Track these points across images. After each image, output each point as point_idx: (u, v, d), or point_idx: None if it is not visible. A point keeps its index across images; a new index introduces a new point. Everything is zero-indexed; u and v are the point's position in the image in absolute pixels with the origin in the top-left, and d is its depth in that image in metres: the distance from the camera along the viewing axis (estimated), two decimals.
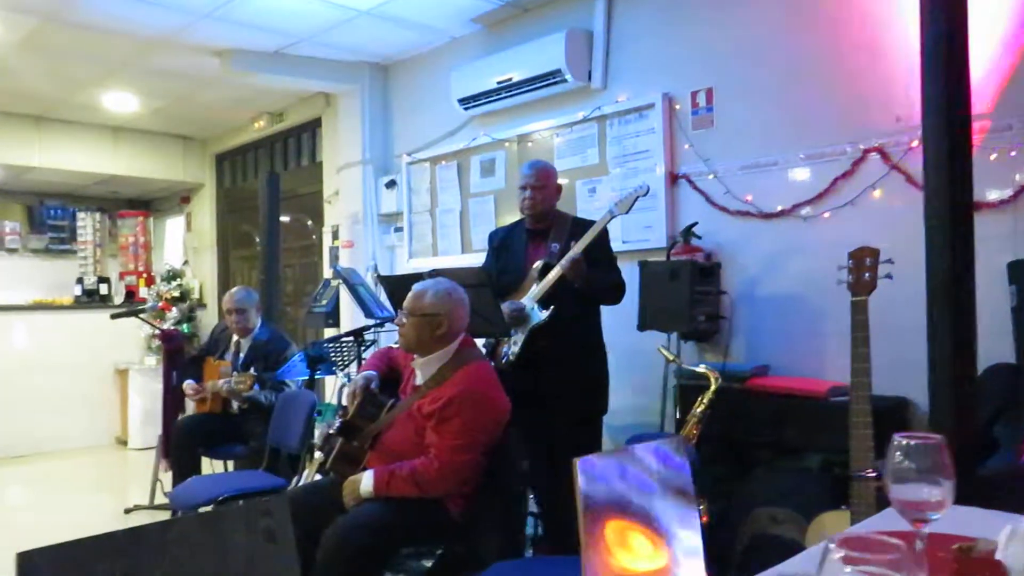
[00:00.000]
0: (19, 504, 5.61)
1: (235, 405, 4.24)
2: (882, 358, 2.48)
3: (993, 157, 2.86)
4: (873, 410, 2.32)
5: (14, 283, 7.54)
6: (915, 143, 2.96)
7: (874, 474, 2.25)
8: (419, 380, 2.71)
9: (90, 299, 7.67)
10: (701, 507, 2.56)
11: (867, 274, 2.37)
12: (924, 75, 2.35)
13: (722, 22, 3.68)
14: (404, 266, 5.31)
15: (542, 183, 3.24)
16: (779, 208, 3.46)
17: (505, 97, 4.50)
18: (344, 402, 4.24)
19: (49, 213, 8.03)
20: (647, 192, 3.15)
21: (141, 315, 5.26)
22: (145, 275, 8.01)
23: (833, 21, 3.30)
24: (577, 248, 3.00)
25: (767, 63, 3.51)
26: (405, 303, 2.69)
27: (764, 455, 3.12)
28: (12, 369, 6.55)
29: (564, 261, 2.98)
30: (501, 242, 3.44)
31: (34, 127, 6.63)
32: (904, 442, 0.97)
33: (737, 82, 3.63)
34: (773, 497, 2.77)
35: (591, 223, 3.14)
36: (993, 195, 2.87)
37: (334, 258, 5.78)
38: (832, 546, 0.67)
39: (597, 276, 3.06)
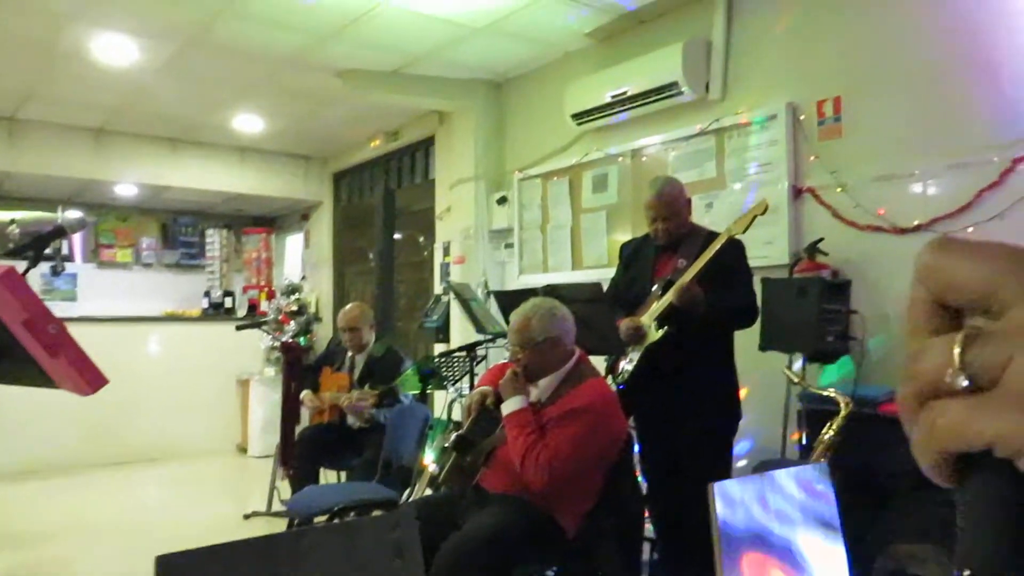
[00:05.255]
0: (151, 504, 5.92)
1: (351, 420, 4.29)
2: None
3: None
4: None
5: (149, 295, 8.06)
6: None
7: None
8: (534, 397, 2.67)
9: (216, 311, 8.07)
10: None
11: None
12: None
13: (851, 26, 3.51)
14: (514, 282, 5.31)
15: (673, 211, 3.03)
16: (915, 222, 3.24)
17: (619, 111, 4.44)
18: (456, 417, 4.28)
19: (181, 230, 8.52)
20: (765, 211, 2.92)
21: (263, 327, 5.47)
22: (267, 289, 8.37)
23: (976, 17, 3.07)
24: (685, 277, 2.81)
25: (902, 67, 3.31)
26: (512, 338, 2.65)
27: (901, 486, 2.90)
28: (147, 376, 6.94)
29: (672, 291, 2.79)
30: (630, 255, 3.29)
31: (170, 149, 7.06)
32: None
33: (869, 89, 3.43)
34: (913, 532, 2.57)
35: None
36: None
37: (445, 274, 5.84)
38: None
39: (718, 300, 2.83)
